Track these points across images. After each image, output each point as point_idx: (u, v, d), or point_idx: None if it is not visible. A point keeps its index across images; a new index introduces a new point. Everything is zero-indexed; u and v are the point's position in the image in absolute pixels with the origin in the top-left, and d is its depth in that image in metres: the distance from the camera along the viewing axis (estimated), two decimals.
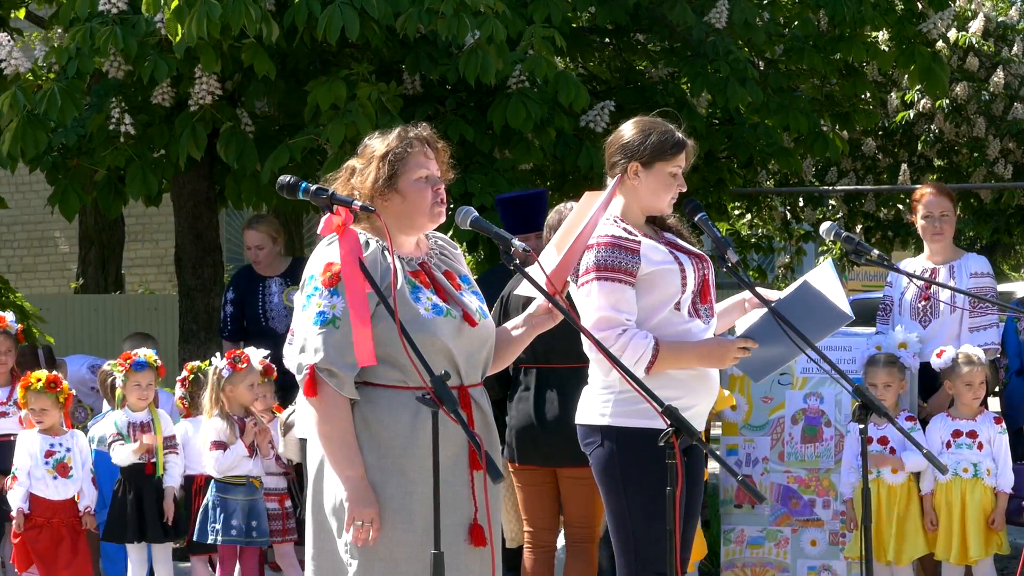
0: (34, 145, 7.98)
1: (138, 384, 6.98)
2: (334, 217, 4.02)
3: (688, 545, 4.86)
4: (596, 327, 4.56)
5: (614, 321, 4.58)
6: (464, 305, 4.22)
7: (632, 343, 4.56)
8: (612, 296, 4.59)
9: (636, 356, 4.55)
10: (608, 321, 4.58)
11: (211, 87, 8.08)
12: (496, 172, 8.43)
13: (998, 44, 15.12)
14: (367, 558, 4.04)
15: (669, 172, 4.74)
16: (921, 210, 7.14)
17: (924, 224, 7.15)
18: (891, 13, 10.15)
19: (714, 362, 4.66)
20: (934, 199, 7.11)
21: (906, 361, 6.92)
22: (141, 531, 6.95)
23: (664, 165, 4.72)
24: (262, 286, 8.37)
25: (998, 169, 14.95)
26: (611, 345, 4.53)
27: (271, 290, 8.33)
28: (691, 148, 4.79)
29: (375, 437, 4.07)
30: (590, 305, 4.62)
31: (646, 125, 4.79)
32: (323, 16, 7.52)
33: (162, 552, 7.09)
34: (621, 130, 4.83)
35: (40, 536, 6.89)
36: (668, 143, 4.73)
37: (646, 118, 4.86)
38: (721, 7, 9.24)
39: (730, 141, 10.48)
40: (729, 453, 7.20)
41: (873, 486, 6.72)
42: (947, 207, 7.12)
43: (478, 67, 7.84)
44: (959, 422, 6.80)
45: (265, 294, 8.32)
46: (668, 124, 4.80)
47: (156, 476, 6.96)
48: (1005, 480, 6.76)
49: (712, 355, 4.64)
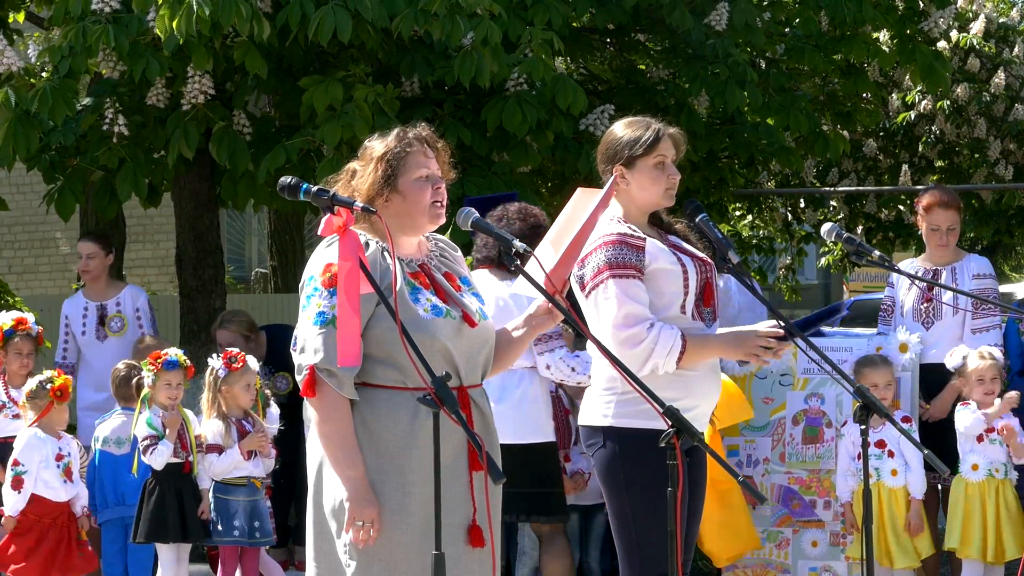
0: (26, 145, 7.97)
1: (168, 383, 6.92)
2: (334, 218, 4.01)
3: (690, 546, 4.86)
4: (624, 324, 4.56)
5: (641, 315, 4.58)
6: (464, 306, 4.21)
7: (662, 335, 4.56)
8: (631, 290, 4.59)
9: (667, 348, 4.56)
10: (636, 316, 4.58)
11: (204, 87, 8.08)
12: (494, 175, 8.43)
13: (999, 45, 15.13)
14: (366, 559, 4.03)
15: (653, 164, 4.73)
16: (928, 220, 7.14)
17: (930, 233, 7.16)
18: (892, 12, 10.14)
19: (736, 351, 4.64)
20: (943, 213, 7.11)
21: (906, 363, 6.92)
22: (183, 530, 6.92)
23: (645, 160, 4.72)
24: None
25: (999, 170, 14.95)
26: (642, 339, 4.54)
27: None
28: (675, 135, 4.77)
29: (374, 438, 4.06)
30: (610, 304, 4.60)
31: (622, 127, 4.80)
32: (315, 17, 7.52)
33: (184, 552, 7.07)
34: (604, 138, 4.86)
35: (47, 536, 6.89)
36: (641, 138, 4.72)
37: (624, 120, 4.86)
38: (721, 9, 9.24)
39: (731, 141, 10.48)
40: (730, 454, 7.19)
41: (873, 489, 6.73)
42: (955, 220, 7.14)
43: (473, 69, 7.85)
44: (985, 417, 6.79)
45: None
46: (646, 119, 4.80)
47: (193, 475, 6.94)
48: None
49: (733, 343, 4.64)
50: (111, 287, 8.46)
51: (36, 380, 7.00)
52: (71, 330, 8.35)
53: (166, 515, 6.86)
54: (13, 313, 7.86)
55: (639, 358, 4.57)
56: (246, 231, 22.48)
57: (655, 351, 4.54)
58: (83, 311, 8.35)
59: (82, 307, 8.36)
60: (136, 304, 8.40)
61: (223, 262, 10.00)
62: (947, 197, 7.18)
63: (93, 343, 8.30)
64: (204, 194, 9.54)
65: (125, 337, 8.26)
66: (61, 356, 8.34)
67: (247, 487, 6.90)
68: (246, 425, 6.93)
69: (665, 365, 4.57)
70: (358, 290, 3.97)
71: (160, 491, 6.88)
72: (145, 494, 6.91)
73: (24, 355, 7.57)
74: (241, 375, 6.90)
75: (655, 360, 4.56)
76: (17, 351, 7.58)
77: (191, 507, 6.88)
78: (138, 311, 8.38)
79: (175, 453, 6.84)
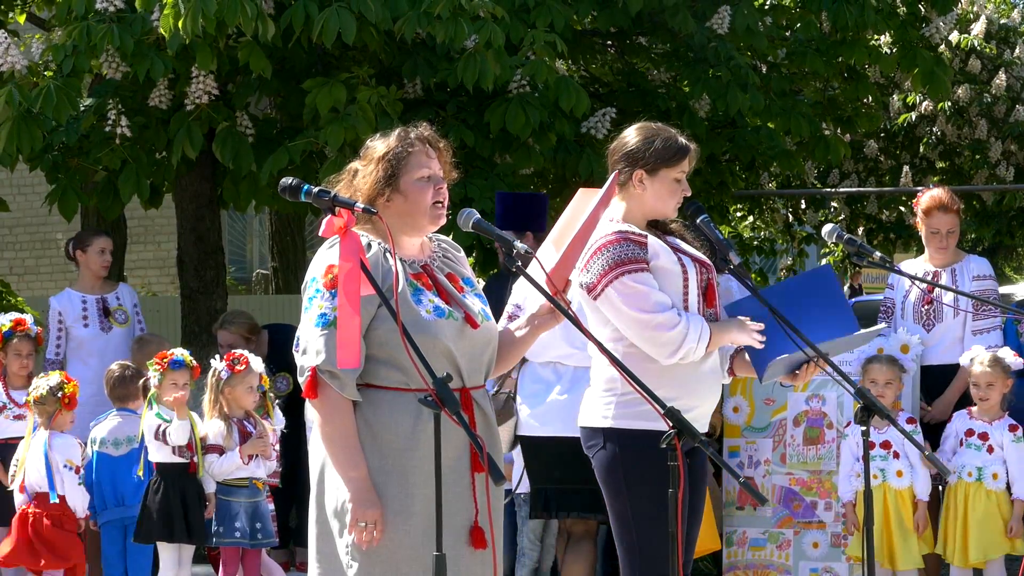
0: (29, 143, 7.97)
1: (174, 383, 6.92)
2: (335, 219, 4.01)
3: (691, 547, 4.86)
4: (656, 309, 4.53)
5: (667, 301, 4.57)
6: (466, 307, 4.21)
7: (692, 320, 4.57)
8: (648, 281, 4.58)
9: (698, 332, 4.56)
10: (663, 303, 4.56)
11: (207, 87, 8.08)
12: (496, 176, 8.43)
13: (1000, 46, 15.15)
14: (368, 560, 4.03)
15: (674, 178, 4.73)
16: (928, 223, 7.13)
17: (930, 236, 7.16)
18: (894, 17, 10.14)
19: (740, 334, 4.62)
20: (942, 216, 7.10)
21: (906, 364, 6.92)
22: (188, 531, 6.92)
23: (669, 171, 4.72)
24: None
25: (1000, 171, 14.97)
26: (676, 323, 4.52)
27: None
28: (694, 152, 4.79)
29: (377, 439, 4.06)
30: (634, 296, 4.56)
31: (649, 131, 4.77)
32: (319, 19, 7.52)
33: (186, 553, 7.08)
34: (624, 136, 4.81)
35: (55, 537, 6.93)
36: (672, 149, 4.72)
37: (649, 124, 4.84)
38: (723, 13, 9.24)
39: (732, 144, 10.49)
40: (731, 455, 7.20)
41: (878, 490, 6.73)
42: (955, 223, 7.13)
43: (476, 72, 7.85)
44: (974, 422, 6.79)
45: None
46: (671, 129, 4.79)
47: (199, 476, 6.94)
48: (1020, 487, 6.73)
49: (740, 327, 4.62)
50: (107, 284, 8.44)
51: (45, 385, 7.01)
52: (64, 325, 8.30)
53: (171, 515, 6.86)
54: (11, 314, 7.86)
55: (674, 343, 4.54)
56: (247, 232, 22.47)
57: (688, 335, 4.53)
58: (81, 304, 8.28)
59: (79, 300, 8.28)
60: (133, 301, 8.41)
61: (224, 263, 10.00)
62: (946, 200, 7.17)
63: (97, 335, 8.23)
64: (205, 195, 9.55)
65: (128, 330, 8.25)
66: (54, 353, 8.29)
67: (249, 488, 6.90)
68: (248, 426, 6.93)
69: (697, 351, 4.55)
70: (359, 291, 3.97)
71: (165, 490, 6.87)
72: (149, 493, 6.91)
73: (23, 356, 7.56)
74: (244, 377, 6.90)
75: (688, 345, 4.54)
76: (16, 352, 7.58)
77: (195, 508, 6.88)
78: (136, 307, 8.38)
79: (180, 453, 6.85)
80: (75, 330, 8.24)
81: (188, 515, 6.86)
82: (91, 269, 8.31)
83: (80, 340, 8.24)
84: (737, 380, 7.17)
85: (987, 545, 6.68)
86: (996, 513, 6.71)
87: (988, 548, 6.68)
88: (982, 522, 6.68)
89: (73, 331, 8.24)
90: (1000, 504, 6.72)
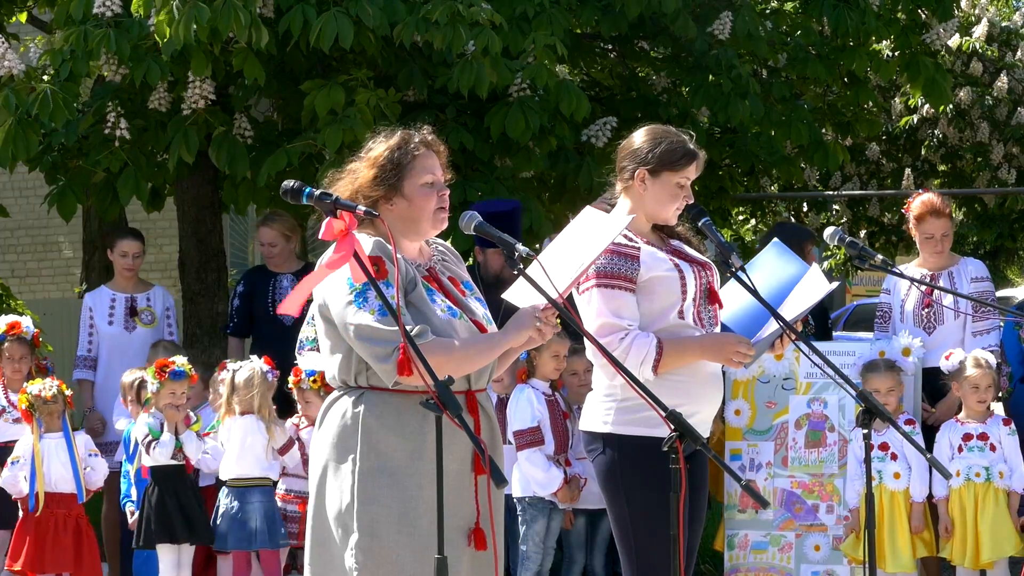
0: (25, 148, 7.96)
1: (172, 392, 6.95)
2: (336, 222, 3.99)
3: (692, 551, 4.86)
4: (598, 334, 4.56)
5: (616, 327, 4.58)
6: (471, 311, 4.21)
7: (635, 345, 4.55)
8: (613, 302, 4.59)
9: (640, 357, 4.55)
10: (609, 327, 4.58)
11: (204, 92, 8.08)
12: (496, 180, 8.42)
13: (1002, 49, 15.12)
14: (373, 563, 4.03)
15: (676, 183, 4.72)
16: (921, 229, 7.16)
17: (924, 241, 7.17)
18: (894, 24, 10.13)
19: (715, 355, 4.64)
20: (935, 222, 7.13)
21: (906, 366, 6.92)
22: (189, 532, 6.92)
23: (672, 175, 4.71)
24: (273, 281, 8.31)
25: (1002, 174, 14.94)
26: (614, 350, 4.53)
27: (282, 285, 8.25)
28: (701, 160, 4.78)
29: (381, 441, 4.06)
30: (591, 312, 4.63)
31: (658, 133, 4.78)
32: (317, 23, 7.53)
33: (185, 555, 7.07)
34: (633, 136, 4.83)
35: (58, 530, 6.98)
36: (677, 153, 4.71)
37: (659, 126, 4.85)
38: (724, 19, 9.23)
39: (732, 150, 10.47)
40: (733, 458, 7.19)
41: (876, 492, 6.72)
42: (947, 227, 7.16)
43: (472, 78, 7.85)
44: (968, 426, 6.79)
45: (275, 288, 8.25)
46: (681, 134, 4.79)
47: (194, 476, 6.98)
48: (1018, 480, 6.75)
49: (713, 348, 4.64)
50: (140, 284, 8.45)
51: (51, 388, 7.04)
52: (95, 322, 8.32)
53: (170, 517, 6.87)
54: (8, 317, 7.85)
55: (611, 368, 4.55)
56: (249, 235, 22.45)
57: (627, 361, 4.52)
58: (110, 302, 8.28)
59: (109, 298, 8.29)
60: (166, 304, 8.40)
61: (226, 266, 9.99)
62: (938, 204, 7.17)
63: (120, 333, 8.23)
64: (207, 198, 9.55)
65: (153, 332, 8.26)
66: (86, 349, 8.29)
67: (263, 488, 6.93)
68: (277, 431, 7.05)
69: (641, 373, 4.54)
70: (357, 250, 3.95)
71: (160, 494, 6.90)
72: (146, 499, 6.93)
73: (16, 360, 7.56)
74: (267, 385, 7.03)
75: (629, 367, 4.52)
76: (9, 356, 7.57)
77: (194, 507, 6.89)
78: (168, 311, 8.39)
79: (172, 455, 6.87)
80: (101, 327, 8.27)
81: (187, 515, 6.87)
82: (116, 269, 8.37)
83: (104, 336, 8.26)
84: (739, 383, 7.18)
85: (999, 543, 6.68)
86: (1006, 511, 6.72)
87: (1000, 547, 6.69)
88: (993, 521, 6.68)
89: (100, 327, 8.27)
90: (1009, 502, 6.73)
